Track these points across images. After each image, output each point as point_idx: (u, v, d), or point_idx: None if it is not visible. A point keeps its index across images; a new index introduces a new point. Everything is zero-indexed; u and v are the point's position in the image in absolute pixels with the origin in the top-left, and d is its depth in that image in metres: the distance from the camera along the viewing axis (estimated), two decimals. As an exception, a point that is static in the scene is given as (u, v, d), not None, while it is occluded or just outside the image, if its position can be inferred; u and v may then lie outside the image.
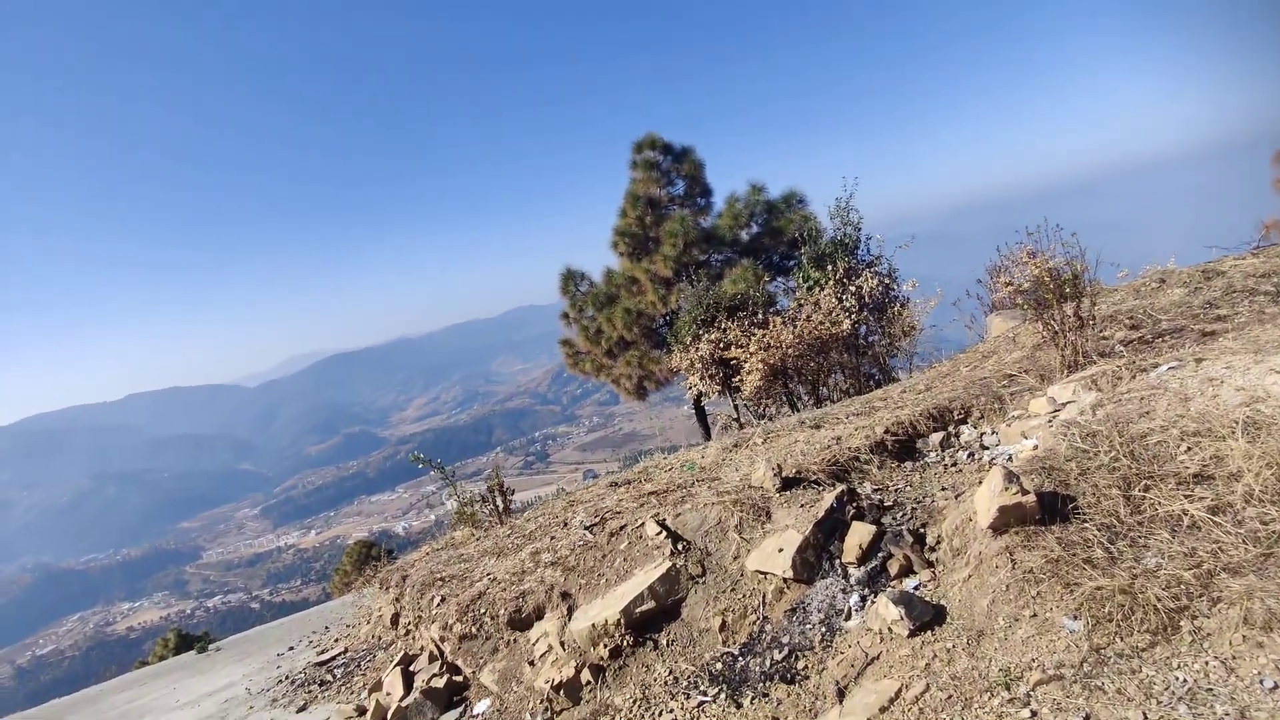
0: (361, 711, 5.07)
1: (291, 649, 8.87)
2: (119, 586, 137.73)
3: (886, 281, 10.76)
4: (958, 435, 4.94)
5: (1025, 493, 3.12)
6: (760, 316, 11.39)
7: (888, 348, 10.12)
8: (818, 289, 10.90)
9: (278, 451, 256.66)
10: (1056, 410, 4.26)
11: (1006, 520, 3.12)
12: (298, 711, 5.92)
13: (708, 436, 14.77)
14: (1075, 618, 2.68)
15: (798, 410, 9.59)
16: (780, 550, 3.76)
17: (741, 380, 10.44)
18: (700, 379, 12.12)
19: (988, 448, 4.53)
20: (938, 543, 3.56)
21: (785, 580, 3.70)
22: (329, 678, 6.58)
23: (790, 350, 9.72)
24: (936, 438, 4.93)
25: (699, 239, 15.22)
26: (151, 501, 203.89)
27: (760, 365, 9.72)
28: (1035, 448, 3.88)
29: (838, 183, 11.57)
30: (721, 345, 11.24)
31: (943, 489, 4.04)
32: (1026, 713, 2.47)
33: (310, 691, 6.38)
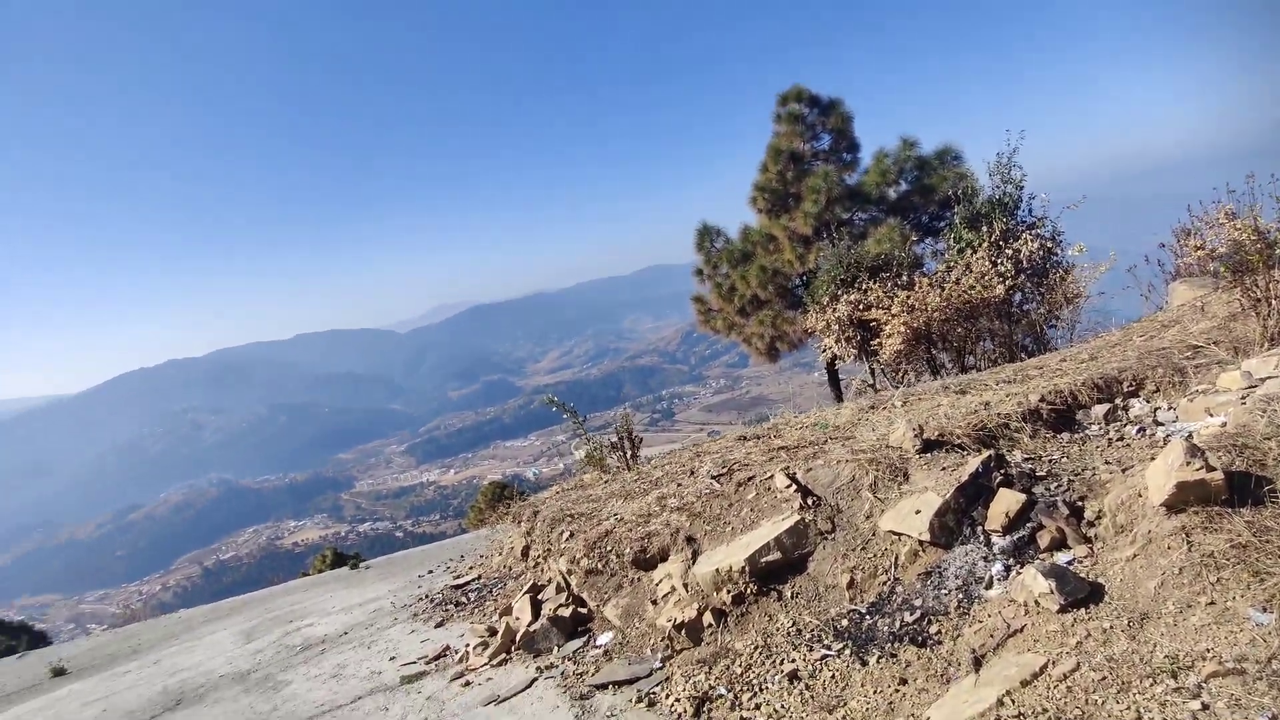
0: (492, 632, 5.35)
1: (430, 573, 9.48)
2: (286, 506, 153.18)
3: (1049, 245, 9.88)
4: (1126, 408, 4.49)
5: (1211, 469, 2.79)
6: (905, 278, 10.82)
7: (1045, 316, 9.34)
8: (969, 251, 10.19)
9: (423, 394, 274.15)
10: (1252, 386, 3.78)
11: (1185, 498, 2.80)
12: (435, 626, 6.35)
13: (840, 401, 14.37)
14: (1265, 610, 2.38)
15: (939, 378, 9.09)
16: (918, 512, 3.59)
17: (880, 344, 10.00)
18: (836, 341, 11.73)
19: (1162, 424, 4.09)
20: (1098, 518, 3.26)
21: (921, 543, 3.54)
22: (463, 600, 7.01)
23: (936, 314, 9.18)
24: (1100, 410, 4.51)
25: (842, 196, 14.60)
26: (315, 432, 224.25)
27: (902, 328, 9.26)
28: (1224, 425, 3.46)
29: (994, 142, 10.68)
30: (861, 307, 10.79)
31: (1106, 463, 3.69)
32: (1196, 704, 2.24)
33: (446, 610, 6.83)
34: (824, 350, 12.42)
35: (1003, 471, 3.73)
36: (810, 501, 4.13)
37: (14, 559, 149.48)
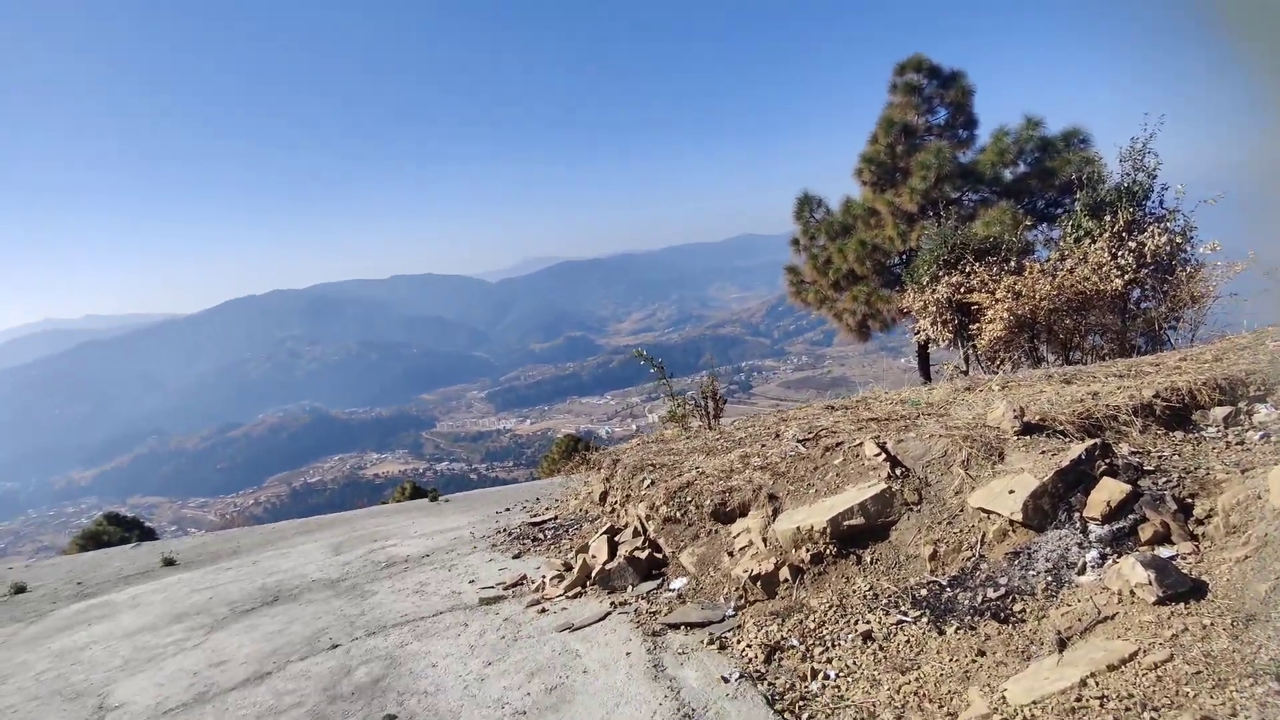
0: (568, 567, 5.57)
1: (507, 510, 9.82)
2: (370, 439, 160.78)
3: (1178, 240, 9.23)
4: (1250, 413, 4.24)
5: (1344, 475, 2.64)
6: (1012, 264, 10.38)
7: (1166, 314, 8.79)
8: (1088, 240, 9.66)
9: (506, 344, 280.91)
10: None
11: (1311, 502, 2.67)
12: (513, 558, 6.63)
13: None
14: (1389, 622, 2.26)
15: (1040, 369, 8.72)
16: (1011, 492, 3.52)
17: (980, 329, 9.66)
18: (932, 324, 11.40)
19: (1291, 431, 3.86)
20: (1208, 516, 3.13)
21: (1012, 523, 3.48)
22: (540, 536, 7.29)
23: (1044, 303, 8.79)
24: (1220, 412, 4.28)
25: (953, 174, 14.03)
26: (402, 371, 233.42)
27: (1005, 314, 8.91)
28: (1361, 435, 3.24)
29: (1128, 128, 9.97)
30: (963, 290, 10.43)
31: (1223, 464, 3.52)
32: (1301, 708, 2.16)
33: (523, 544, 7.11)
34: (918, 332, 12.09)
35: (1107, 461, 3.61)
36: (898, 472, 4.10)
37: (130, 460, 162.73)
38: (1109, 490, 3.36)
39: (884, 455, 4.22)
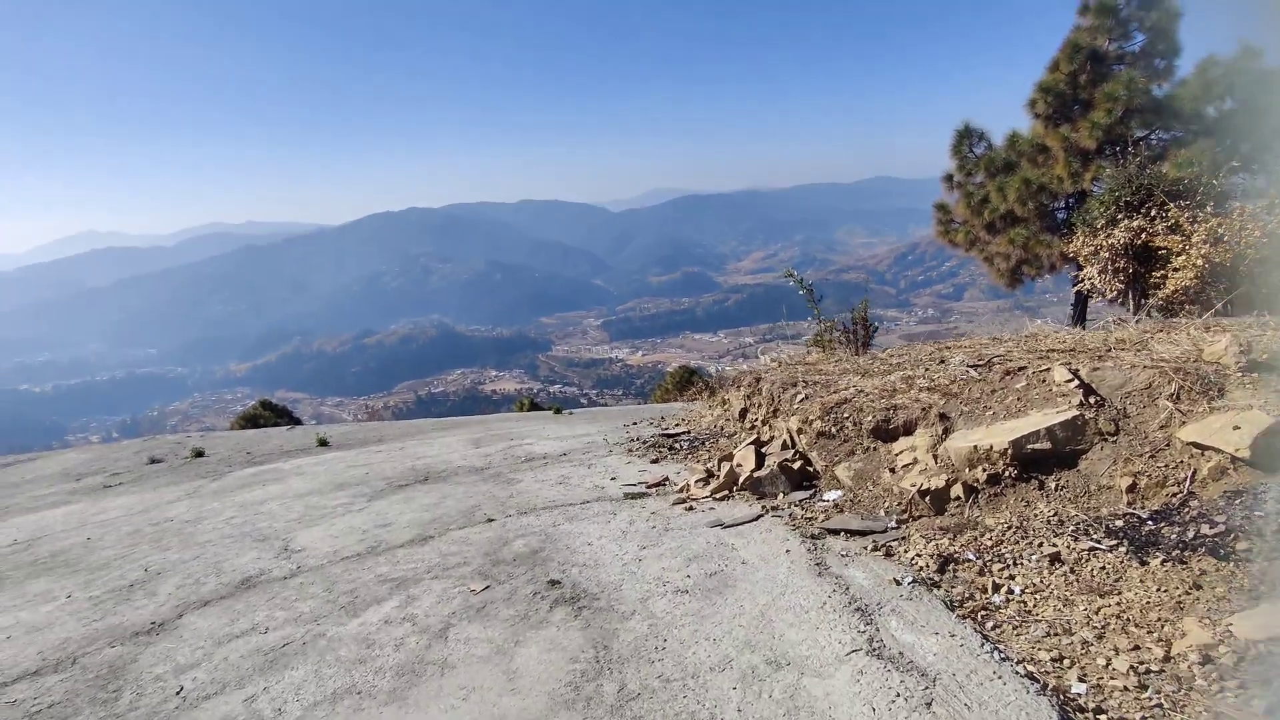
0: (710, 474, 5.59)
1: (635, 424, 9.94)
2: (490, 356, 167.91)
3: None
4: None
5: None
6: (1209, 210, 9.30)
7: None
8: (1303, 189, 8.51)
9: (625, 274, 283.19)
10: None
11: None
12: (651, 462, 6.74)
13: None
14: None
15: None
16: (1236, 428, 3.18)
17: (1164, 277, 8.77)
18: (1100, 271, 10.46)
19: None
20: None
21: (1234, 460, 3.15)
22: (676, 446, 7.36)
23: (1249, 251, 7.84)
24: None
25: (1144, 108, 12.61)
26: (524, 293, 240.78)
27: (1200, 261, 8.03)
28: None
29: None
30: (1145, 235, 9.46)
31: None
32: None
33: (660, 452, 7.21)
34: (1081, 281, 11.15)
35: (1356, 405, 3.20)
36: (1092, 400, 3.81)
37: (277, 358, 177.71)
38: (1361, 434, 2.97)
39: (1076, 383, 3.91)
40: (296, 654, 3.32)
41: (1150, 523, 3.17)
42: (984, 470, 3.73)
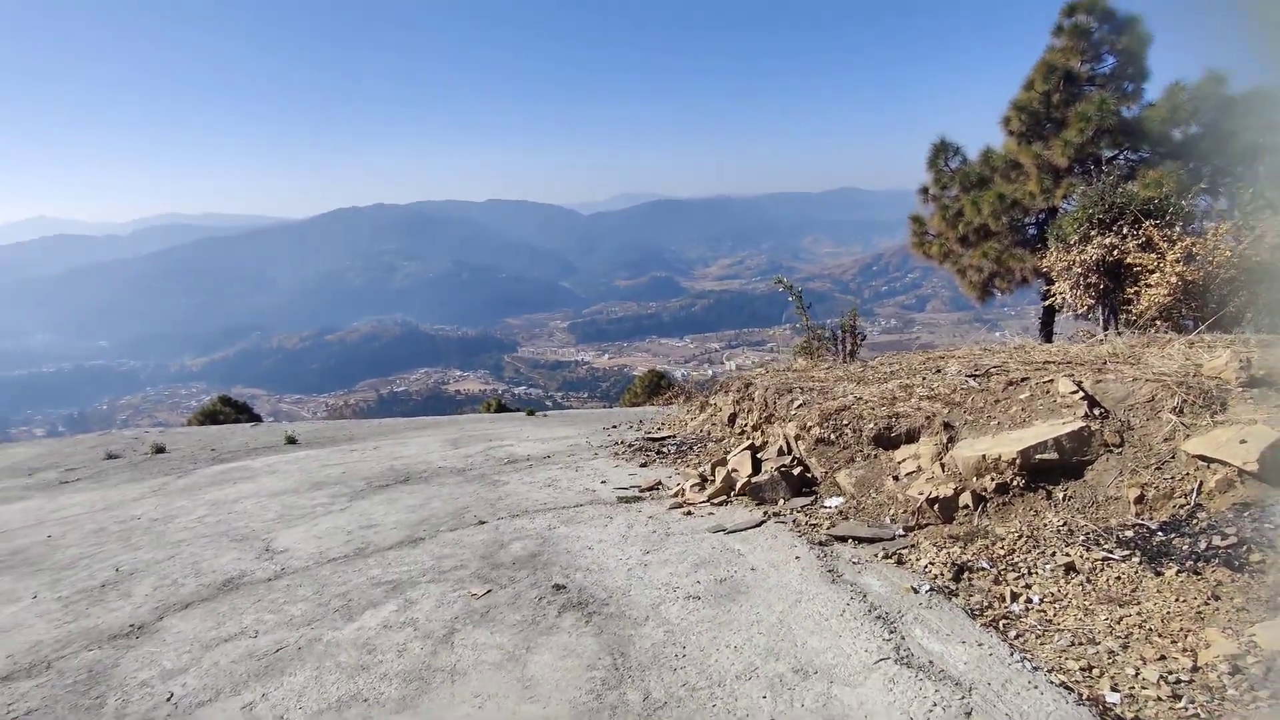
0: (704, 479, 5.54)
1: (615, 427, 9.83)
2: (455, 356, 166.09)
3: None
4: None
5: None
6: (1177, 230, 9.57)
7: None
8: (1270, 211, 8.80)
9: (593, 277, 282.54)
10: None
11: None
12: (640, 465, 6.65)
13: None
14: None
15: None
16: (1242, 442, 3.24)
17: (1136, 294, 8.99)
18: (1072, 287, 10.69)
19: None
20: None
21: (1241, 473, 3.21)
22: (664, 450, 7.29)
23: (1220, 269, 8.07)
24: None
25: (1114, 129, 12.95)
26: (490, 294, 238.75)
27: (1174, 279, 8.24)
28: None
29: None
30: (1118, 252, 9.70)
31: None
32: None
33: (647, 456, 7.13)
34: (1051, 295, 11.39)
35: (1356, 421, 3.28)
36: (1096, 412, 3.85)
37: (235, 353, 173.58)
38: (1365, 449, 3.04)
39: (1081, 394, 3.96)
40: (293, 659, 3.18)
41: (1160, 533, 3.20)
42: (992, 479, 3.74)
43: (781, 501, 4.67)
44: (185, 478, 8.20)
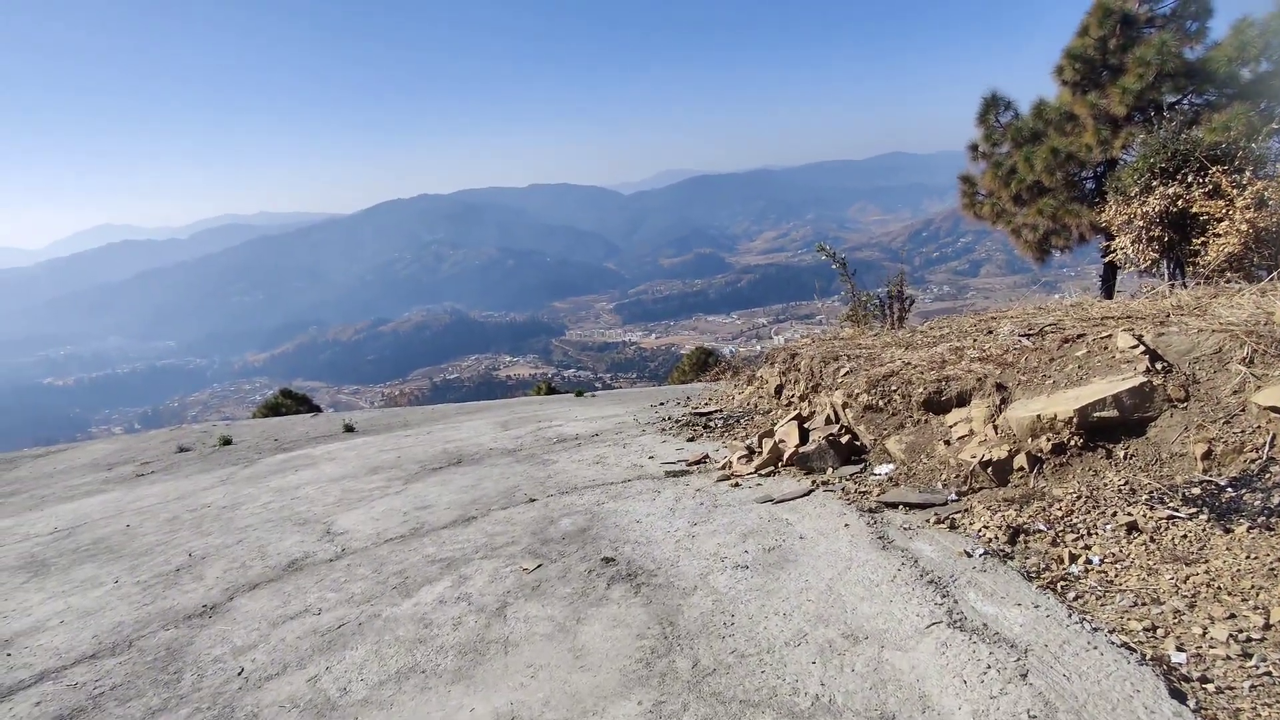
0: (751, 451, 5.51)
1: (663, 404, 9.84)
2: (504, 342, 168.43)
3: None
4: None
5: None
6: (1247, 175, 9.05)
7: None
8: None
9: (637, 257, 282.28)
10: None
11: None
12: (687, 440, 6.67)
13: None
14: None
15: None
16: (1318, 390, 3.07)
17: (1205, 243, 8.55)
18: (1134, 241, 10.23)
19: None
20: None
21: (1318, 424, 3.04)
22: (710, 424, 7.28)
23: (1297, 215, 7.62)
24: None
25: (1176, 72, 12.26)
26: (536, 279, 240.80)
27: (1245, 226, 7.81)
28: None
29: None
30: (1183, 201, 9.23)
31: None
32: None
33: (694, 430, 7.13)
34: (1112, 252, 10.92)
35: None
36: (1158, 366, 3.69)
37: (294, 347, 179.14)
38: None
39: (1141, 348, 3.80)
40: (354, 634, 3.29)
41: (1230, 490, 3.06)
42: (1048, 440, 3.63)
43: (830, 470, 4.61)
44: (251, 467, 8.49)
